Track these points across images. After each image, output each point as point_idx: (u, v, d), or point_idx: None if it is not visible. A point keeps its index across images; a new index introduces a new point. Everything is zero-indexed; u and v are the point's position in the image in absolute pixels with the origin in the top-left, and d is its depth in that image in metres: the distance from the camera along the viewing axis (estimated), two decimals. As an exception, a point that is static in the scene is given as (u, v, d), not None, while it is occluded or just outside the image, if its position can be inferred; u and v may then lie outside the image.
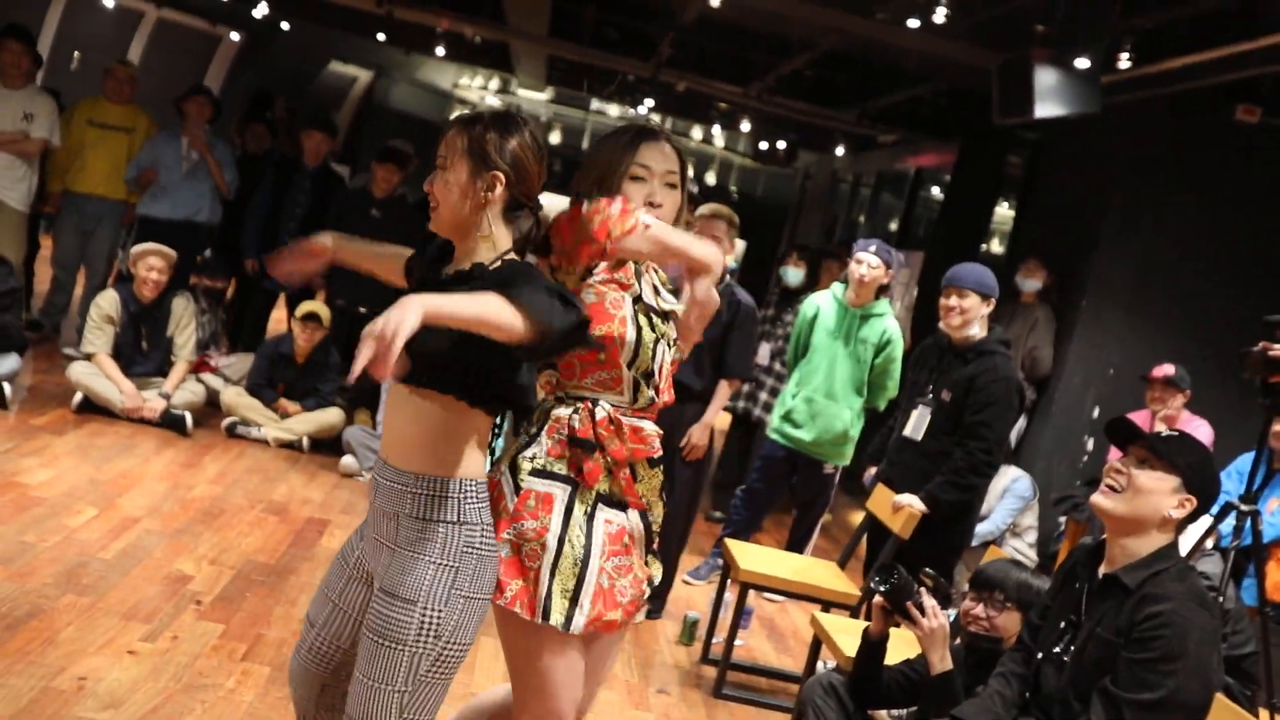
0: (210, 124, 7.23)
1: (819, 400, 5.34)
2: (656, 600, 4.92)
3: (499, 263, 2.17)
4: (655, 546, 2.40)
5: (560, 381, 2.34)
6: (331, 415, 6.23)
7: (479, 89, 16.89)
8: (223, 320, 7.17)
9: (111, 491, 4.82)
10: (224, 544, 4.53)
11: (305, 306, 6.27)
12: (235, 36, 14.22)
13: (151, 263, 6.03)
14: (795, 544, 5.58)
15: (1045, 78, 5.29)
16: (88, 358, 5.93)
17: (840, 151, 11.92)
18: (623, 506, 2.32)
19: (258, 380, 6.28)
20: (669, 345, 2.40)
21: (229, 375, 6.61)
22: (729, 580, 4.54)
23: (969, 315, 4.19)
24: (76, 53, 12.03)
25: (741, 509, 5.55)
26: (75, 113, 7.01)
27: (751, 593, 4.53)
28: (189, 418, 5.95)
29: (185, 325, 6.16)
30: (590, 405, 2.30)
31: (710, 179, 16.65)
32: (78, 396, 5.86)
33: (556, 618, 2.21)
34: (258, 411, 6.15)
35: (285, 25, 13.06)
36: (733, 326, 4.73)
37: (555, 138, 16.95)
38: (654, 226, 2.22)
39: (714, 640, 4.56)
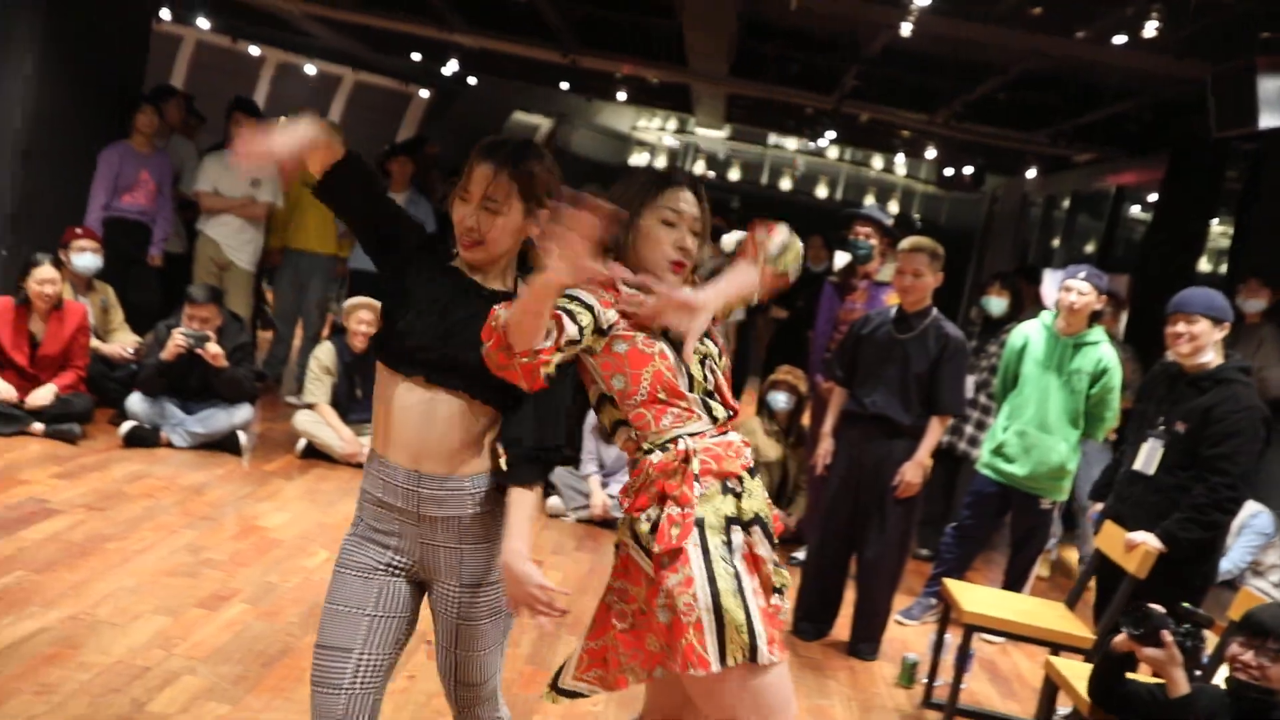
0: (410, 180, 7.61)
1: (1032, 433, 5.18)
2: (871, 642, 4.85)
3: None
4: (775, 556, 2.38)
5: (640, 435, 2.33)
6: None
7: (657, 129, 17.18)
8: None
9: (338, 534, 5.05)
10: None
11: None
12: (424, 94, 14.91)
13: (362, 316, 6.34)
14: (1012, 583, 5.41)
15: (1270, 86, 5.05)
16: (310, 407, 6.28)
17: (1031, 174, 11.64)
18: (743, 524, 2.30)
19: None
20: (715, 359, 2.40)
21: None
22: (949, 621, 4.44)
23: (1199, 342, 4.00)
24: (283, 118, 12.78)
25: (954, 547, 5.42)
26: (290, 174, 7.49)
27: (975, 635, 4.41)
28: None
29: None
30: (676, 443, 2.29)
31: (893, 208, 16.45)
32: (301, 443, 6.21)
33: (738, 655, 2.20)
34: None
35: (472, 80, 13.59)
36: (942, 360, 4.66)
37: (734, 174, 17.07)
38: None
39: (935, 684, 4.45)
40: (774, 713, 2.27)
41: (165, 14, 10.54)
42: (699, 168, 17.27)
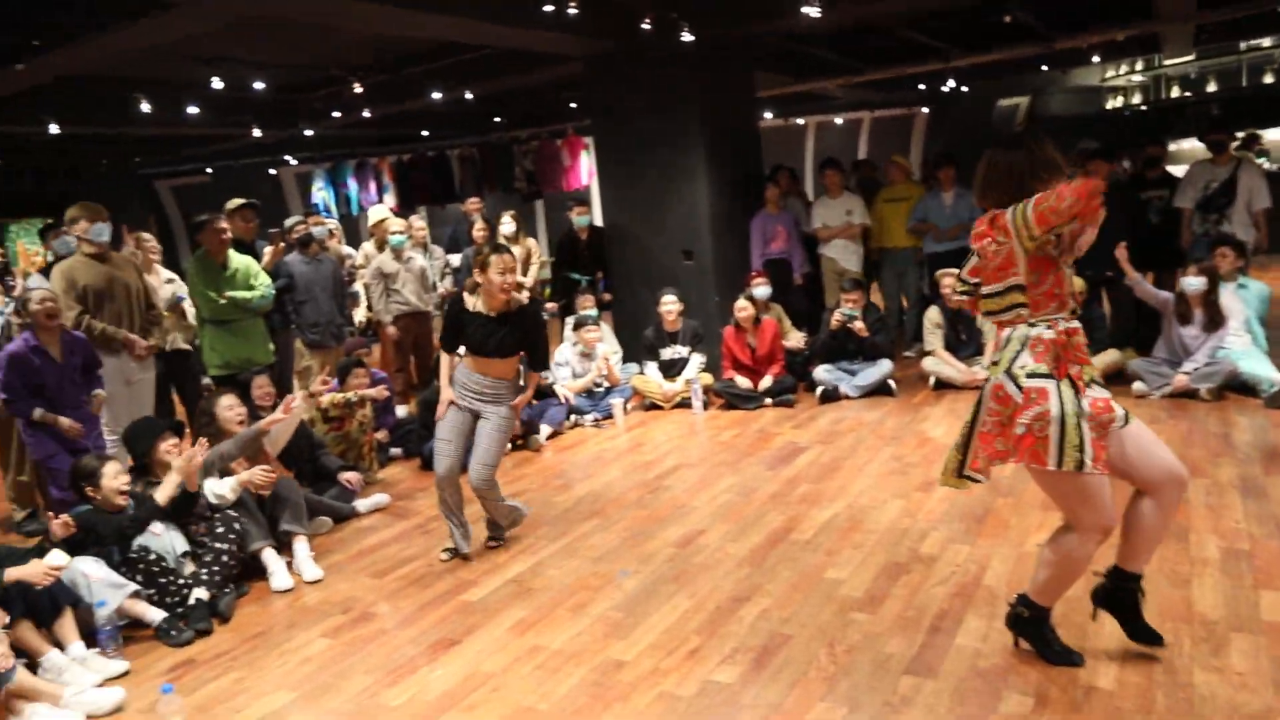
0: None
1: None
2: None
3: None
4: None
5: (1028, 314, 2.66)
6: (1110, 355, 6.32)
7: (1125, 73, 15.46)
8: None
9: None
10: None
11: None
12: (925, 110, 14.84)
13: (945, 282, 6.66)
14: None
15: None
16: (930, 353, 6.72)
17: None
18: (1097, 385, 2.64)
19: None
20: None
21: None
22: None
23: None
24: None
25: None
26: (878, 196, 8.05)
27: None
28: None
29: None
30: (1055, 322, 2.64)
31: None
32: (931, 379, 6.68)
33: (1070, 465, 2.56)
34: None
35: (965, 89, 13.32)
36: None
37: (1211, 86, 14.82)
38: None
39: None
40: (1087, 507, 2.64)
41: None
42: (1174, 92, 15.24)
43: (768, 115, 12.72)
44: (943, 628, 3.18)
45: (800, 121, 14.58)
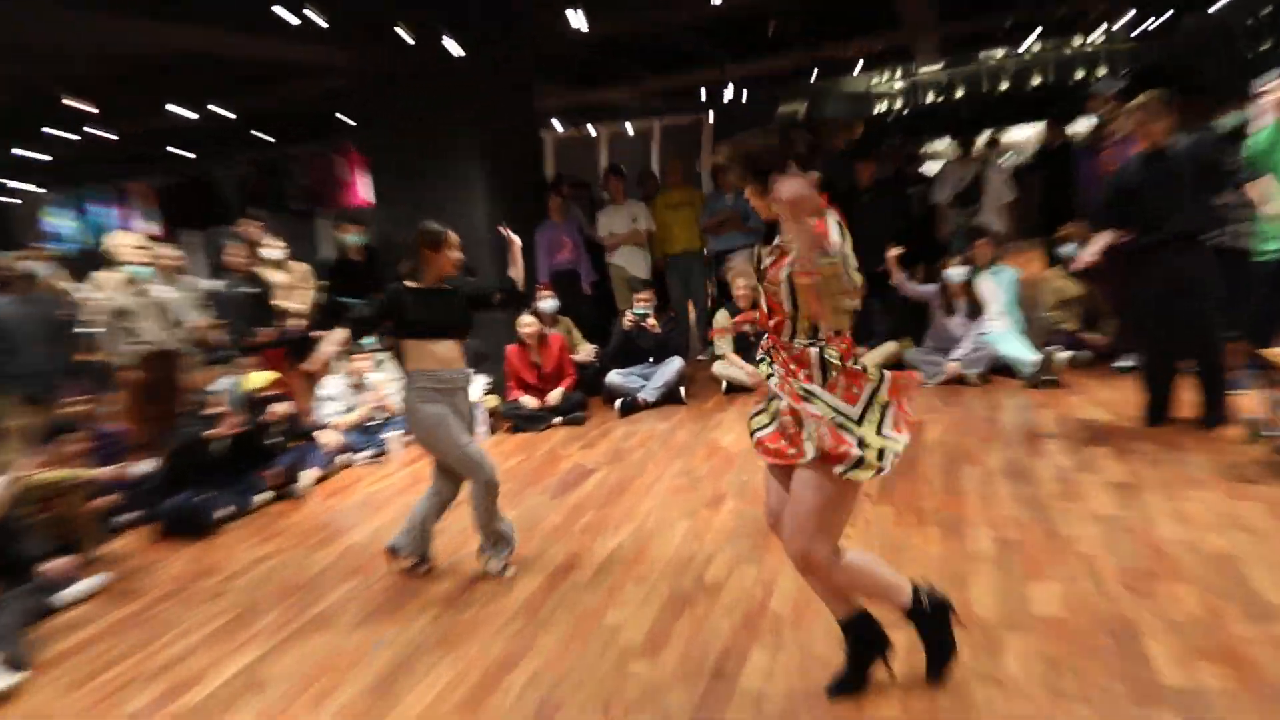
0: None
1: None
2: (1213, 411, 4.39)
3: None
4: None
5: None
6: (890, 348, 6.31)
7: (887, 80, 16.23)
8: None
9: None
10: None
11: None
12: (711, 118, 14.93)
13: (739, 284, 6.48)
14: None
15: None
16: (721, 358, 6.50)
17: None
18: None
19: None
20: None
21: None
22: (1276, 381, 3.94)
23: None
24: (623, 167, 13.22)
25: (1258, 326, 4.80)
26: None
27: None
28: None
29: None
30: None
31: (1100, 73, 14.55)
32: (724, 384, 6.47)
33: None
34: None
35: (745, 97, 13.46)
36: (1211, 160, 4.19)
37: (959, 93, 15.78)
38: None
39: (1285, 433, 3.97)
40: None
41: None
42: (929, 98, 16.14)
43: (558, 126, 12.34)
44: (726, 671, 2.81)
45: (593, 131, 14.29)
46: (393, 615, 3.50)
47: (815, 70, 11.88)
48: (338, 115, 10.25)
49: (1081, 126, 8.34)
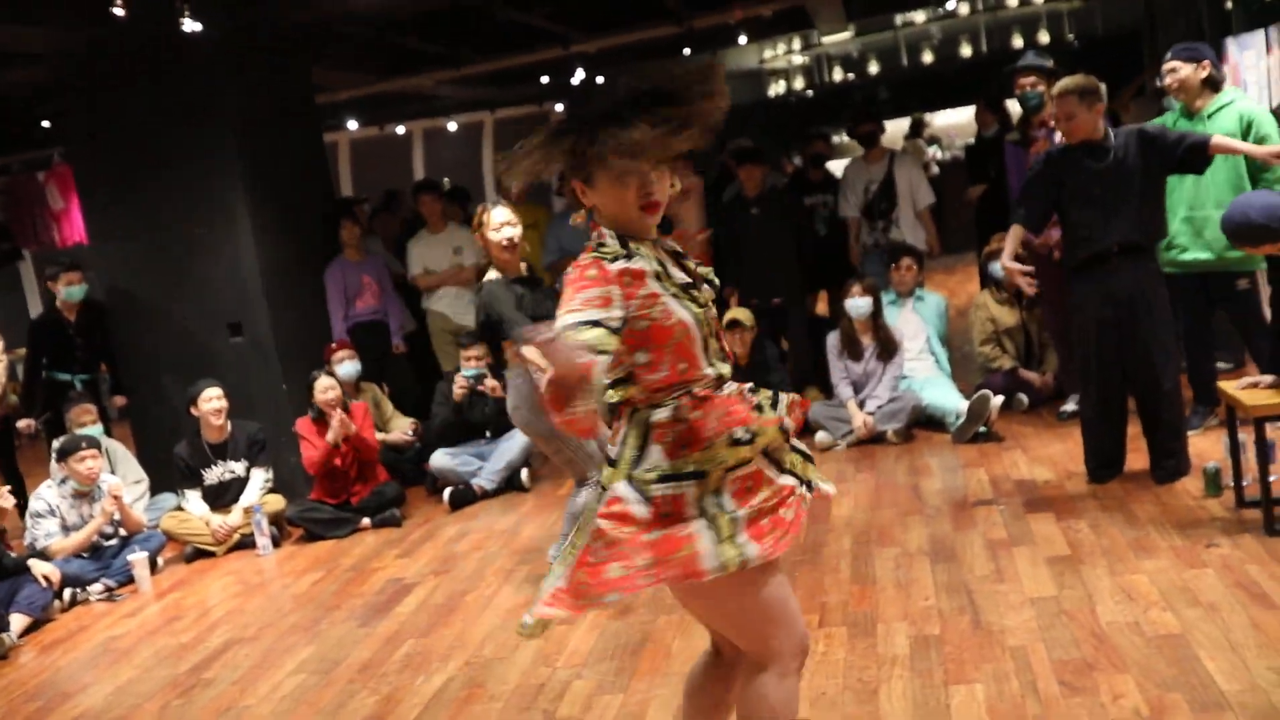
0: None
1: (1197, 215, 5.22)
2: (1170, 460, 4.92)
3: None
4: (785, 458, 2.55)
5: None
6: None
7: (784, 54, 17.13)
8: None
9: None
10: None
11: (730, 315, 6.74)
12: (560, 107, 15.42)
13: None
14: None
15: None
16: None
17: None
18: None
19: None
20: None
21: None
22: (1237, 421, 4.50)
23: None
24: (445, 179, 13.52)
25: (1191, 353, 5.52)
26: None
27: (1268, 425, 4.45)
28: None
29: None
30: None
31: (1044, 38, 15.83)
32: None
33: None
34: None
35: (600, 80, 13.97)
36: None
37: (874, 68, 16.82)
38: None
39: (1244, 483, 4.52)
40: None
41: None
42: (837, 74, 17.12)
43: (352, 125, 12.48)
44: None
45: (401, 130, 14.51)
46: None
47: (686, 44, 12.46)
48: (44, 124, 10.09)
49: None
